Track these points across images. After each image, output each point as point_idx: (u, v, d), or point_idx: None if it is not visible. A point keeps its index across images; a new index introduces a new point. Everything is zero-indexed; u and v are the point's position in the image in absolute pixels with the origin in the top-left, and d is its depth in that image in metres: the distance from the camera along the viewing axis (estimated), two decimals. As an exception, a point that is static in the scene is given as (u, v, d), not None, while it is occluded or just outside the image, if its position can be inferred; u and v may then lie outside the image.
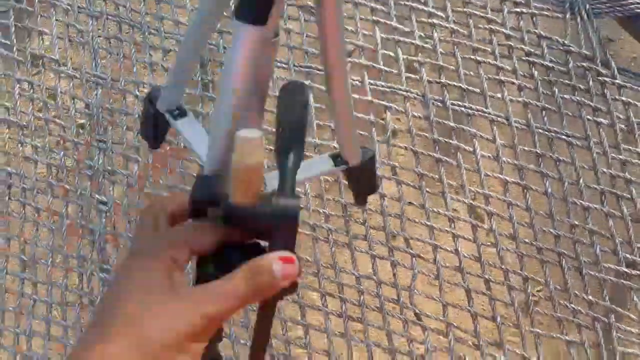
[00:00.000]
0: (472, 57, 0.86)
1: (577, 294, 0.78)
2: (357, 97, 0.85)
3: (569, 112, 0.83)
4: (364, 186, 0.71)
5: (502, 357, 0.77)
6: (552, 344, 0.79)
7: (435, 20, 0.87)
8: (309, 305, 0.83)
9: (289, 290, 0.39)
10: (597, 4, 0.85)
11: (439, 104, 0.85)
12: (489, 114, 0.84)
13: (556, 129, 0.83)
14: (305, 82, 0.86)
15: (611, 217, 0.79)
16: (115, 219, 0.89)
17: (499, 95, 0.84)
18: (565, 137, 0.83)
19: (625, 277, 0.77)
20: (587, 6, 0.85)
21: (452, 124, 0.84)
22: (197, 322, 0.36)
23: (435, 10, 0.87)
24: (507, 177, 0.82)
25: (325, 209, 0.84)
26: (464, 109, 0.85)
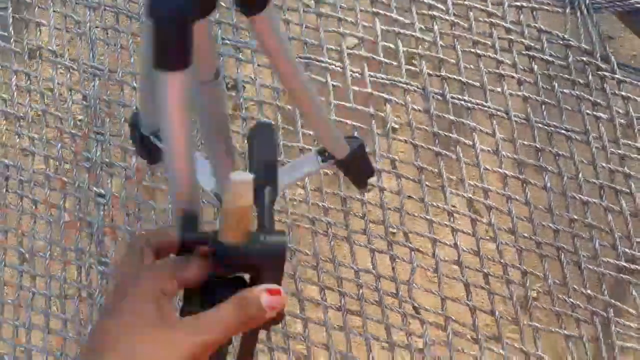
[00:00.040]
0: (472, 50, 0.84)
1: (576, 288, 0.77)
2: (356, 89, 0.84)
3: (569, 107, 0.82)
4: (359, 173, 0.70)
5: (501, 351, 0.76)
6: (550, 338, 0.78)
7: (435, 12, 0.86)
8: (308, 299, 0.81)
9: (275, 320, 0.41)
10: (597, -1, 0.84)
11: (439, 97, 0.84)
12: (489, 107, 0.83)
13: (555, 123, 0.82)
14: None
15: (610, 211, 0.78)
16: (113, 211, 0.87)
17: (499, 89, 0.83)
18: (564, 132, 0.82)
19: (624, 272, 0.76)
20: (587, 1, 0.84)
21: (452, 118, 0.83)
22: (189, 353, 0.37)
23: (435, 2, 0.86)
24: (506, 171, 0.81)
25: (324, 202, 0.83)
26: (463, 103, 0.83)
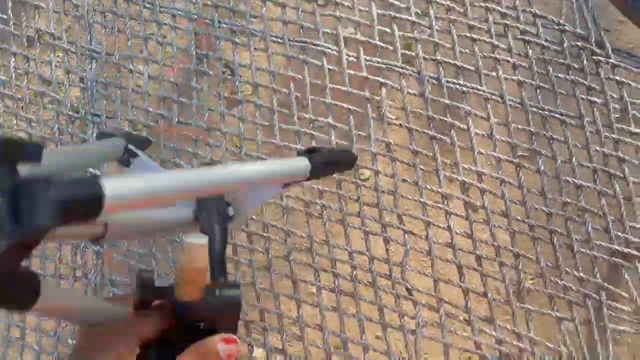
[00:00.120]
0: (468, 34, 0.82)
1: (569, 271, 0.75)
2: (352, 72, 0.82)
3: (563, 91, 0.80)
4: (338, 168, 0.66)
5: (493, 332, 0.74)
6: (543, 320, 0.76)
7: (431, -3, 0.83)
8: (301, 280, 0.79)
9: None
10: (592, -17, 0.82)
11: (434, 81, 0.81)
12: (484, 92, 0.81)
13: (550, 107, 0.80)
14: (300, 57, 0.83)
15: (603, 195, 0.76)
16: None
17: (494, 73, 0.81)
18: (559, 116, 0.79)
19: (617, 255, 0.74)
20: (582, -14, 0.82)
21: (447, 102, 0.80)
22: None
23: (431, -13, 0.83)
24: (500, 155, 0.78)
25: (319, 185, 0.81)
26: (458, 87, 0.81)
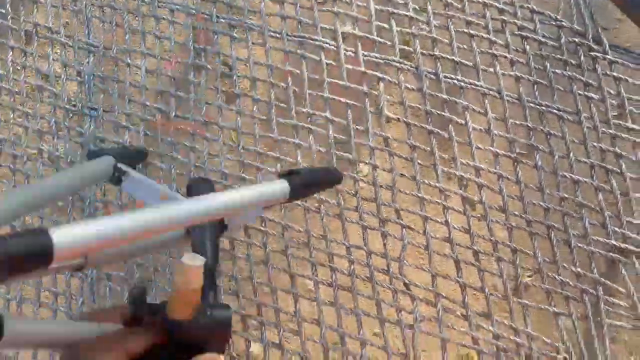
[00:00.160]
0: (466, 30, 0.81)
1: (566, 266, 0.73)
2: (350, 67, 0.80)
3: (561, 87, 0.79)
4: (322, 189, 0.66)
5: (491, 327, 0.73)
6: (540, 316, 0.74)
7: (429, -8, 0.82)
8: (299, 274, 0.78)
9: None
10: (589, -20, 0.80)
11: (432, 76, 0.80)
12: (481, 87, 0.79)
13: (547, 103, 0.78)
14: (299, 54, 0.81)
15: (601, 190, 0.75)
16: (105, 186, 0.83)
17: (492, 69, 0.79)
18: (556, 111, 0.78)
19: (614, 251, 0.73)
20: (580, -18, 0.81)
21: (444, 97, 0.79)
22: None
23: (429, -18, 0.82)
24: (497, 150, 0.77)
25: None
26: (456, 82, 0.80)
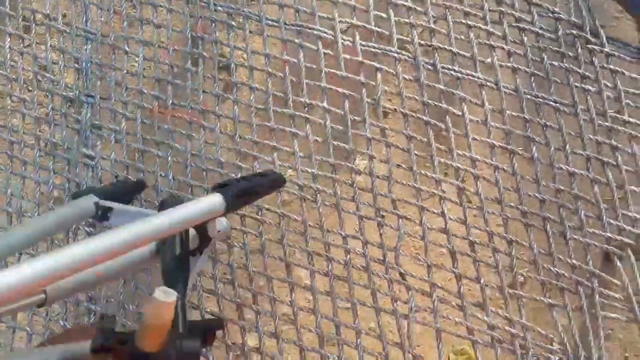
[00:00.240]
0: (464, 21, 0.79)
1: (561, 258, 0.72)
2: (348, 57, 0.78)
3: (557, 79, 0.77)
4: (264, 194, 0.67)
5: (486, 318, 0.71)
6: (536, 311, 0.73)
7: (427, -17, 0.80)
8: (295, 263, 0.76)
9: None
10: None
11: (430, 67, 0.78)
12: (479, 78, 0.77)
13: (544, 95, 0.76)
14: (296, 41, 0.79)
15: (596, 183, 0.73)
16: (102, 173, 0.81)
17: (489, 60, 0.77)
18: (553, 103, 0.76)
19: (609, 243, 0.71)
20: (577, -26, 0.78)
21: (442, 87, 0.77)
22: None
23: (427, -27, 0.80)
24: (494, 141, 0.75)
25: (313, 169, 0.77)
26: (453, 73, 0.78)
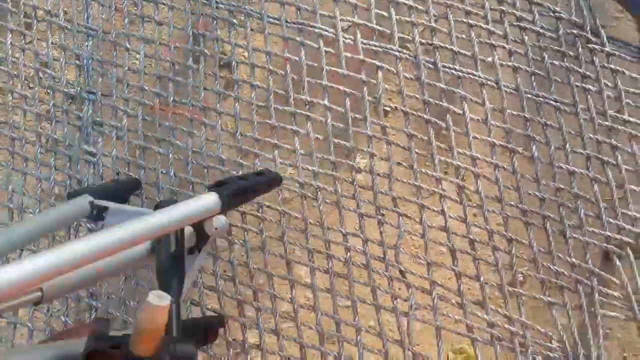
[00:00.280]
0: (465, 20, 0.78)
1: (561, 256, 0.71)
2: (349, 55, 0.77)
3: (558, 78, 0.76)
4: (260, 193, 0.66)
5: (485, 316, 0.71)
6: (535, 310, 0.72)
7: (429, -19, 0.79)
8: (295, 261, 0.75)
9: None
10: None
11: (430, 65, 0.77)
12: (479, 77, 0.76)
13: (544, 94, 0.76)
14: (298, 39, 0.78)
15: (596, 182, 0.72)
16: (103, 170, 0.80)
17: (490, 59, 0.76)
18: (553, 103, 0.76)
19: (608, 242, 0.71)
20: (578, -26, 0.78)
21: (442, 86, 0.76)
22: None
23: (429, -29, 0.79)
24: (494, 140, 0.74)
25: (314, 166, 0.76)
26: (454, 72, 0.77)
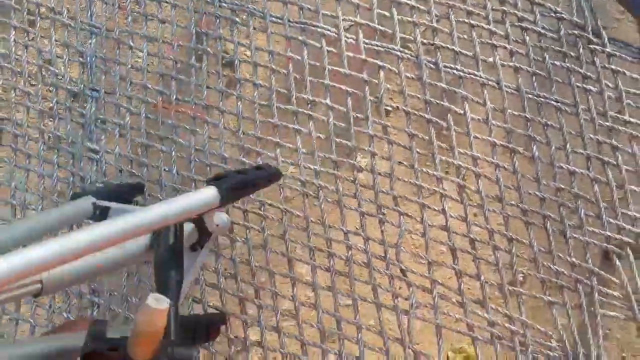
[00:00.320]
0: (466, 20, 0.77)
1: (561, 256, 0.71)
2: (351, 55, 0.77)
3: (559, 79, 0.76)
4: (260, 187, 0.64)
5: (485, 315, 0.70)
6: (534, 303, 0.72)
7: (431, -18, 0.78)
8: (297, 259, 0.75)
9: None
10: (589, -28, 0.77)
11: (432, 65, 0.76)
12: (480, 77, 0.76)
13: (545, 94, 0.75)
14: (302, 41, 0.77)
15: (597, 182, 0.72)
16: (106, 167, 0.80)
17: (491, 59, 0.76)
18: (554, 103, 0.75)
19: (609, 242, 0.70)
20: (579, -26, 0.77)
21: (444, 86, 0.76)
22: None
23: (431, -28, 0.78)
24: (495, 140, 0.74)
25: (315, 165, 0.76)
26: (455, 72, 0.77)
